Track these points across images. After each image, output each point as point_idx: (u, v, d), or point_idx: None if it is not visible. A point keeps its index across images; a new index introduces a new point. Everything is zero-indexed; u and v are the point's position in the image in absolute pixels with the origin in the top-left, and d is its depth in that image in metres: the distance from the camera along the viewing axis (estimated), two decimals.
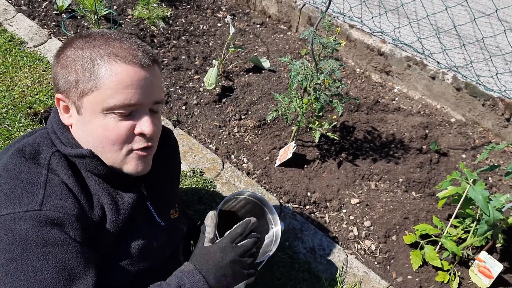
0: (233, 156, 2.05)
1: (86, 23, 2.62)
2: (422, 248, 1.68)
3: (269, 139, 2.14)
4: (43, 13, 2.66)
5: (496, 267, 1.53)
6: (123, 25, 2.64)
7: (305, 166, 2.03)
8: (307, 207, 1.87)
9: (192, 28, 2.80)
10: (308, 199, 1.89)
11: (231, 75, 2.48)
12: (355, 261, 1.67)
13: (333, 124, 2.03)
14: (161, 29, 2.69)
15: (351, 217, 1.85)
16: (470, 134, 2.32)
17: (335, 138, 2.01)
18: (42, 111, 2.00)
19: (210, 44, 2.70)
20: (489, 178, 2.09)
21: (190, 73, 2.45)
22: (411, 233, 1.76)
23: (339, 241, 1.76)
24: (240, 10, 3.08)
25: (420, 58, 2.46)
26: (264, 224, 1.34)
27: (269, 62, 2.54)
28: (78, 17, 2.67)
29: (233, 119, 2.21)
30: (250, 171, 1.98)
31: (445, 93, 2.42)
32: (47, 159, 0.87)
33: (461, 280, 1.65)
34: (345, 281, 1.59)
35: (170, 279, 0.93)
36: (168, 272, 0.97)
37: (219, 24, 2.88)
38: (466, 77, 2.36)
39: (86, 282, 0.78)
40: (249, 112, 2.26)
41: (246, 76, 2.49)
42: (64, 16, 2.66)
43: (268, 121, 2.20)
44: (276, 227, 1.28)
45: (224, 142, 2.10)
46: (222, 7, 3.06)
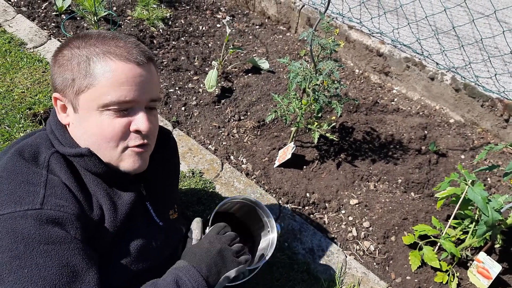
0: (232, 157, 2.05)
1: (85, 24, 2.62)
2: (421, 248, 1.68)
3: (268, 140, 2.14)
4: (42, 14, 2.66)
5: (495, 268, 1.53)
6: (122, 26, 2.65)
7: (304, 167, 2.03)
8: (306, 207, 1.87)
9: (191, 29, 2.80)
10: (307, 199, 1.89)
11: (230, 76, 2.48)
12: (354, 262, 1.67)
13: (332, 125, 2.03)
14: (161, 30, 2.69)
15: (350, 218, 1.85)
16: (469, 134, 2.32)
17: (334, 139, 2.02)
18: (42, 112, 2.01)
19: (210, 45, 2.71)
20: (488, 179, 2.10)
21: (189, 74, 2.46)
22: (410, 234, 1.76)
23: (338, 242, 1.77)
24: (240, 11, 3.09)
25: (419, 59, 2.47)
26: (261, 226, 1.35)
27: (268, 63, 2.54)
28: (78, 18, 2.67)
29: (232, 120, 2.22)
30: (249, 172, 1.99)
31: (444, 94, 2.42)
32: (46, 160, 0.87)
33: (460, 281, 1.65)
34: (344, 282, 1.59)
35: (165, 276, 0.93)
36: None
37: (218, 25, 2.89)
38: (465, 78, 2.36)
39: (88, 280, 0.79)
40: (248, 113, 2.26)
41: (245, 77, 2.49)
42: (64, 17, 2.66)
43: (267, 122, 2.21)
44: (273, 234, 1.30)
45: (223, 143, 2.10)
46: (221, 8, 3.07)
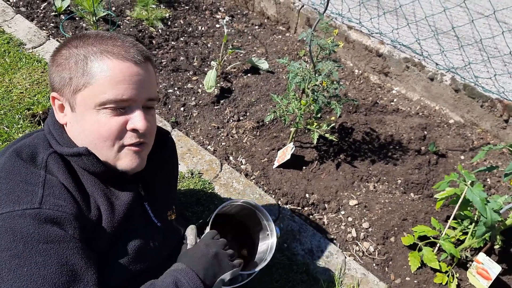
0: (231, 158, 2.05)
1: (84, 25, 2.62)
2: (420, 249, 1.68)
3: (267, 140, 2.14)
4: (41, 15, 2.66)
5: (495, 269, 1.53)
6: (121, 26, 2.64)
7: (304, 167, 2.02)
8: (306, 208, 1.87)
9: (190, 29, 2.80)
10: (307, 200, 1.89)
11: (229, 77, 2.48)
12: (353, 263, 1.67)
13: (332, 125, 2.03)
14: (160, 30, 2.69)
15: (350, 219, 1.85)
16: (468, 135, 2.32)
17: (334, 139, 2.01)
18: (41, 112, 2.00)
19: (209, 45, 2.70)
20: (488, 179, 2.09)
21: (188, 74, 2.45)
22: (409, 235, 1.76)
23: (338, 243, 1.76)
24: (239, 11, 3.08)
25: (419, 59, 2.46)
26: (260, 228, 1.35)
27: (267, 63, 2.54)
28: (77, 18, 2.67)
29: (231, 120, 2.21)
30: (249, 173, 1.98)
31: (444, 95, 2.42)
32: (44, 160, 0.87)
33: (460, 282, 1.64)
34: (343, 283, 1.59)
35: (163, 277, 0.93)
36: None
37: (217, 25, 2.88)
38: (464, 78, 2.36)
39: (87, 279, 0.79)
40: (248, 114, 2.26)
41: (245, 77, 2.49)
42: (63, 18, 2.66)
43: (267, 123, 2.20)
44: (272, 239, 1.30)
45: (223, 144, 2.10)
46: (220, 8, 3.06)
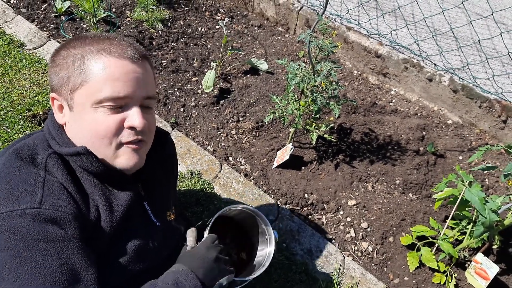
0: (231, 158, 2.05)
1: (85, 26, 2.63)
2: (418, 249, 1.69)
3: (266, 141, 2.15)
4: (42, 16, 2.67)
5: (493, 269, 1.53)
6: (121, 28, 2.65)
7: (303, 167, 2.03)
8: (305, 208, 1.88)
9: (190, 30, 2.81)
10: (306, 200, 1.90)
11: (229, 77, 2.49)
12: (352, 263, 1.67)
13: (330, 126, 2.04)
14: (160, 32, 2.70)
15: (348, 219, 1.85)
16: (466, 136, 2.32)
17: (332, 140, 2.02)
18: (41, 113, 2.01)
19: (209, 46, 2.71)
20: (486, 180, 2.10)
21: (188, 75, 2.46)
22: (407, 235, 1.77)
23: (336, 243, 1.77)
24: (238, 12, 3.09)
25: (417, 60, 2.47)
26: (259, 232, 1.37)
27: (266, 64, 2.55)
28: (77, 19, 2.68)
29: (231, 121, 2.22)
30: (248, 173, 1.99)
31: (442, 95, 2.43)
32: (44, 161, 0.88)
33: (458, 282, 1.65)
34: (342, 283, 1.60)
35: (163, 278, 0.93)
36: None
37: (217, 27, 2.89)
38: (463, 79, 2.37)
39: (87, 278, 0.79)
40: (247, 114, 2.27)
41: (244, 78, 2.50)
42: (63, 19, 2.67)
43: (266, 123, 2.21)
44: (270, 248, 1.32)
45: (222, 144, 2.10)
46: (220, 10, 3.07)
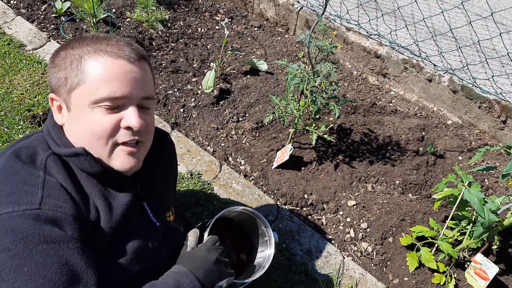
0: (230, 158, 2.06)
1: (85, 26, 2.63)
2: (418, 250, 1.69)
3: (266, 141, 2.15)
4: (42, 16, 2.67)
5: (492, 269, 1.53)
6: (121, 28, 2.65)
7: (302, 168, 2.03)
8: (304, 209, 1.88)
9: (190, 31, 2.81)
10: (305, 201, 1.90)
11: (229, 78, 2.49)
12: (351, 263, 1.68)
13: (330, 126, 2.04)
14: (160, 32, 2.70)
15: (348, 219, 1.86)
16: (466, 136, 2.33)
17: (332, 140, 2.02)
18: (41, 113, 2.01)
19: (208, 46, 2.71)
20: (485, 180, 2.10)
21: (188, 75, 2.46)
22: (407, 235, 1.77)
23: (336, 243, 1.77)
24: (238, 13, 3.10)
25: (417, 60, 2.47)
26: (259, 233, 1.37)
27: (266, 65, 2.55)
28: (77, 20, 2.68)
29: (230, 121, 2.22)
30: (248, 173, 1.99)
31: (442, 96, 2.43)
32: (43, 161, 0.88)
33: (457, 282, 1.65)
34: (341, 283, 1.60)
35: (163, 279, 0.93)
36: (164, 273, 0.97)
37: (217, 27, 2.90)
38: (462, 79, 2.37)
39: (87, 279, 0.79)
40: (247, 115, 2.27)
41: (244, 78, 2.50)
42: (63, 19, 2.67)
43: (266, 124, 2.21)
44: (270, 250, 1.32)
45: (222, 144, 2.11)
46: (220, 10, 3.08)
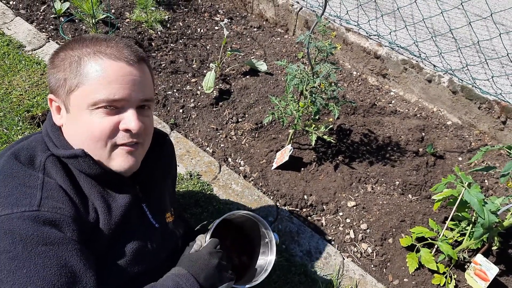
0: (230, 159, 2.05)
1: (84, 27, 2.62)
2: (418, 251, 1.68)
3: (266, 142, 2.14)
4: (41, 17, 2.67)
5: (492, 270, 1.53)
6: (121, 29, 2.65)
7: (302, 169, 2.03)
8: (304, 210, 1.87)
9: (189, 31, 2.81)
10: (305, 202, 1.89)
11: (228, 78, 2.49)
12: (351, 264, 1.67)
13: (330, 127, 2.04)
14: (159, 33, 2.70)
15: (348, 220, 1.85)
16: (466, 137, 2.32)
17: (332, 141, 2.02)
18: (40, 114, 2.01)
19: (208, 47, 2.71)
20: (485, 181, 2.10)
21: (187, 76, 2.46)
22: (407, 236, 1.76)
23: (336, 244, 1.77)
24: (238, 13, 3.10)
25: (417, 61, 2.47)
26: (259, 234, 1.37)
27: (266, 65, 2.54)
28: (76, 20, 2.68)
29: (230, 122, 2.22)
30: (247, 174, 1.99)
31: (441, 96, 2.43)
32: (42, 163, 0.87)
33: (457, 283, 1.65)
34: (341, 284, 1.59)
35: (163, 280, 0.93)
36: (164, 275, 0.97)
37: (216, 28, 2.89)
38: (462, 80, 2.37)
39: (86, 281, 0.79)
40: (246, 115, 2.27)
41: (243, 79, 2.50)
42: (62, 20, 2.67)
43: (265, 124, 2.21)
44: (271, 256, 1.32)
45: (221, 145, 2.10)
46: (219, 11, 3.07)
